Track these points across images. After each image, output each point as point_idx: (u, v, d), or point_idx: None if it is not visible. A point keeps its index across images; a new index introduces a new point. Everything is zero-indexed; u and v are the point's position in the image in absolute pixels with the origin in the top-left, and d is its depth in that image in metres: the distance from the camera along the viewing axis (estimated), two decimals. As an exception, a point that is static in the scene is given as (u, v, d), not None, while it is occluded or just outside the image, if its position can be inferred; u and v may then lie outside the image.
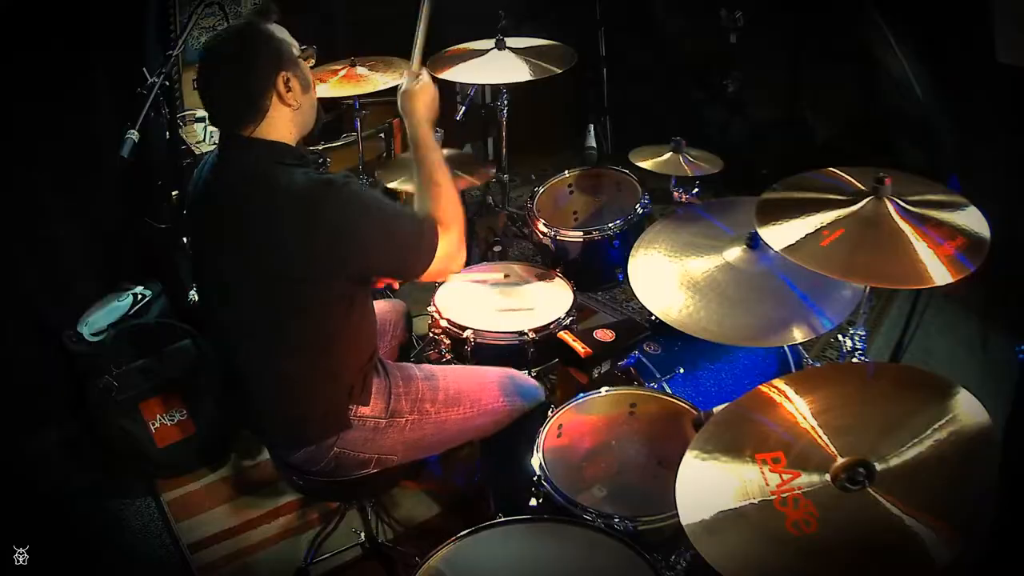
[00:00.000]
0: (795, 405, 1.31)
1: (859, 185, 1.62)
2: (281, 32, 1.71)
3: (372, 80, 2.80)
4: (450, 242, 1.75)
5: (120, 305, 2.83)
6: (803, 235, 1.54)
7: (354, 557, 2.36)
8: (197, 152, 3.01)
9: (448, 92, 3.59)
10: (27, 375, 2.72)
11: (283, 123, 1.69)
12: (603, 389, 2.01)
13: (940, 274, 1.42)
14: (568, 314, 2.37)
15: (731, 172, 2.69)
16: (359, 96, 2.89)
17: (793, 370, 2.18)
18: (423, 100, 1.88)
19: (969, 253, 1.45)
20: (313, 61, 1.81)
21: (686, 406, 1.95)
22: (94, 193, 2.87)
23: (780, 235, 1.56)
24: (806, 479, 1.20)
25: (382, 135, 3.50)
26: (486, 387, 2.01)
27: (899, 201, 1.55)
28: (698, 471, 1.29)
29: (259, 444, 2.74)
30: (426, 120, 1.87)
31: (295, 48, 1.72)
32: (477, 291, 2.54)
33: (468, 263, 3.35)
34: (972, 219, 1.53)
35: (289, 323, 1.68)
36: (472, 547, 1.60)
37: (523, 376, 2.11)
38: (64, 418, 2.75)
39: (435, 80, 1.97)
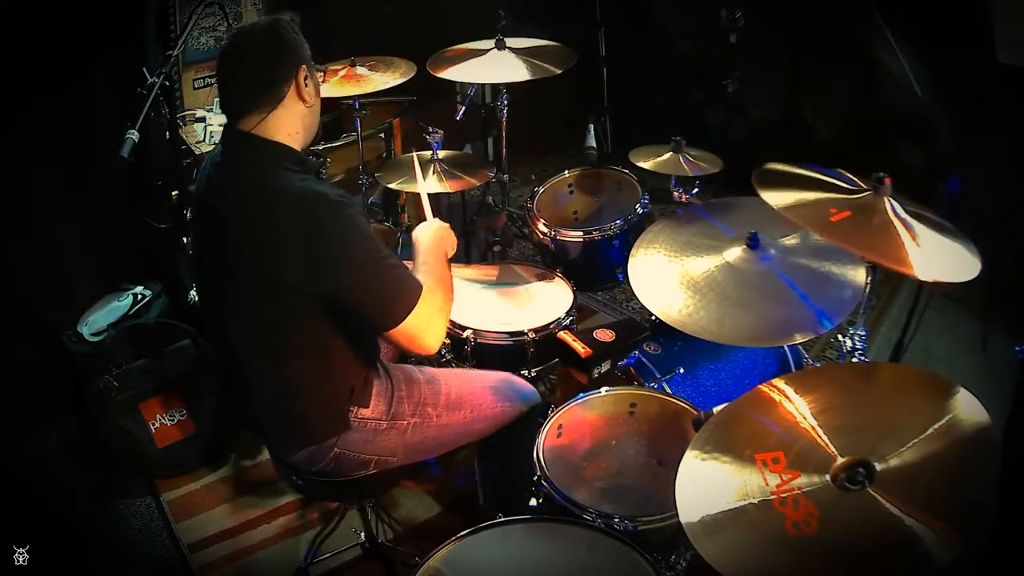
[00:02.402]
0: (795, 405, 1.31)
1: (859, 183, 1.62)
2: (301, 35, 1.75)
3: (372, 80, 2.79)
4: (430, 307, 1.72)
5: (120, 305, 2.83)
6: (805, 201, 1.55)
7: (354, 557, 2.36)
8: (197, 152, 3.02)
9: (448, 92, 3.60)
10: (27, 375, 2.72)
11: (292, 120, 1.70)
12: (603, 389, 2.01)
13: (924, 270, 1.42)
14: (568, 314, 2.37)
15: (731, 172, 2.69)
16: (359, 96, 2.89)
17: (793, 370, 2.18)
18: (427, 234, 1.94)
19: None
20: (323, 76, 1.83)
21: (686, 406, 1.95)
22: (94, 193, 2.87)
23: (780, 198, 1.57)
24: (806, 479, 1.20)
25: (382, 135, 3.50)
26: (486, 391, 2.01)
27: (896, 203, 1.55)
28: (698, 471, 1.29)
29: (259, 444, 2.75)
30: (431, 244, 1.91)
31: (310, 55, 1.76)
32: (477, 291, 2.54)
33: (468, 263, 3.38)
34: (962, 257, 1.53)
35: (289, 325, 1.68)
36: (472, 547, 1.60)
37: (520, 381, 2.12)
38: (64, 418, 2.75)
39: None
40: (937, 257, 1.46)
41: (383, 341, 1.93)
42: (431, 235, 1.95)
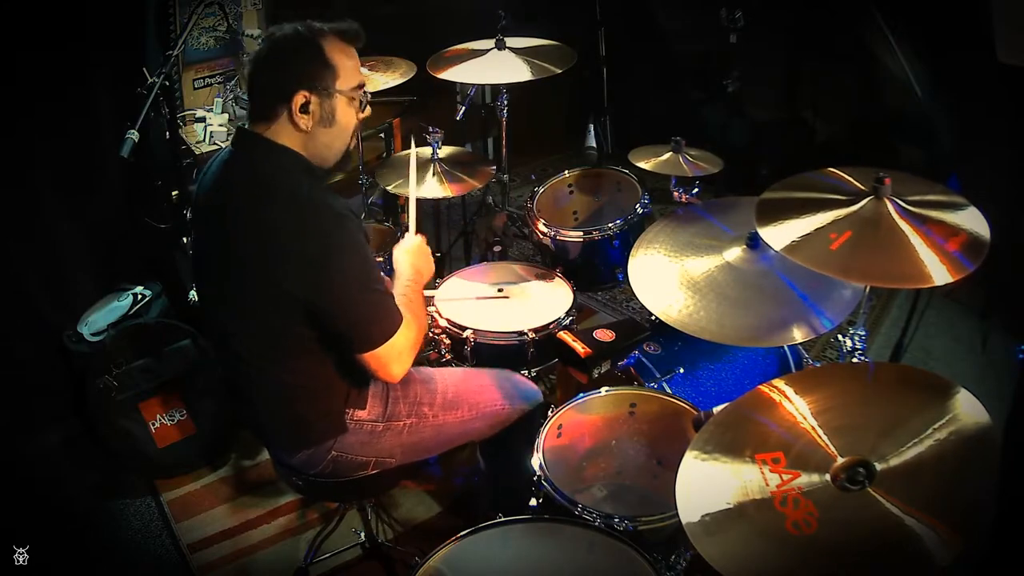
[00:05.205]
0: (795, 405, 1.31)
1: (859, 185, 1.62)
2: (339, 57, 1.67)
3: (372, 80, 2.79)
4: (405, 340, 1.72)
5: (120, 305, 2.83)
6: (804, 234, 1.54)
7: (354, 557, 2.36)
8: (197, 152, 3.02)
9: (448, 92, 3.60)
10: (27, 375, 2.72)
11: (290, 139, 1.68)
12: (603, 389, 2.00)
13: (940, 274, 1.42)
14: (568, 314, 2.37)
15: (731, 172, 2.69)
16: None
17: (793, 370, 2.18)
18: (408, 259, 1.96)
19: (969, 253, 1.45)
20: (368, 112, 1.78)
21: (686, 406, 1.95)
22: (94, 193, 2.87)
23: (780, 235, 1.56)
24: (806, 479, 1.20)
25: (382, 135, 3.50)
26: (484, 389, 2.01)
27: (899, 201, 1.55)
28: (698, 471, 1.29)
29: (259, 444, 2.75)
30: (410, 276, 1.93)
31: (345, 81, 1.68)
32: (477, 291, 2.54)
33: (468, 263, 3.39)
34: (971, 218, 1.53)
35: (287, 326, 1.68)
36: (472, 547, 1.60)
37: (521, 378, 2.11)
38: (64, 418, 2.75)
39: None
40: (953, 248, 1.44)
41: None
42: (410, 265, 1.95)
